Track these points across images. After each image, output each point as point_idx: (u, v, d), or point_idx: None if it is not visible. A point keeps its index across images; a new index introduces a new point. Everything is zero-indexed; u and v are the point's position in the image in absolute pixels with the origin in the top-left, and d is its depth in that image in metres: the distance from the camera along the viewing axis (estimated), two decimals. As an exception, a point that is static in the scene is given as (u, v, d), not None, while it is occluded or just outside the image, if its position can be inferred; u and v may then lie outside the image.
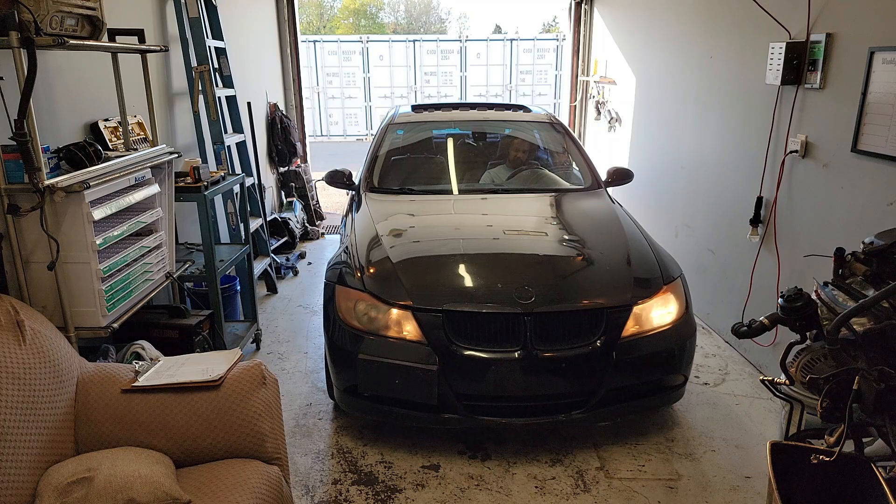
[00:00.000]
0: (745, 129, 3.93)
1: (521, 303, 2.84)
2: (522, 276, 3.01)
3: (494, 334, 2.84)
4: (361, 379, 2.90)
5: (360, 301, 2.97)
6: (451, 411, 2.88)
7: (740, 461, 2.98)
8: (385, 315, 2.91)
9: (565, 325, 2.88)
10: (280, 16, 7.11)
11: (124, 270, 2.66)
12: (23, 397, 1.89)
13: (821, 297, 1.84)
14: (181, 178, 3.38)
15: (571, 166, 4.52)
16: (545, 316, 2.84)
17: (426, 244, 3.35)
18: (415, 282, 2.99)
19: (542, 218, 3.79)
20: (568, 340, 2.86)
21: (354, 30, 30.47)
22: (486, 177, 4.36)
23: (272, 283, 5.24)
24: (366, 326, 2.92)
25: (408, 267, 3.09)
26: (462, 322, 2.85)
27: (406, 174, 4.39)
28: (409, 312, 2.87)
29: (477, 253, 3.22)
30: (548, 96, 15.41)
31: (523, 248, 3.32)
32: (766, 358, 3.73)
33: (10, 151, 2.24)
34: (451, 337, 2.83)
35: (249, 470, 2.02)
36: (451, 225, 3.62)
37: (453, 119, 4.83)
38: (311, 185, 7.33)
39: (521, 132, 4.79)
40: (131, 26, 3.19)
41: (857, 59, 2.94)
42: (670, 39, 5.04)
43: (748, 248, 3.90)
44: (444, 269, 3.11)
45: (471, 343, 2.83)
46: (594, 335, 2.87)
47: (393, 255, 3.16)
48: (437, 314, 2.84)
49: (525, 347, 2.81)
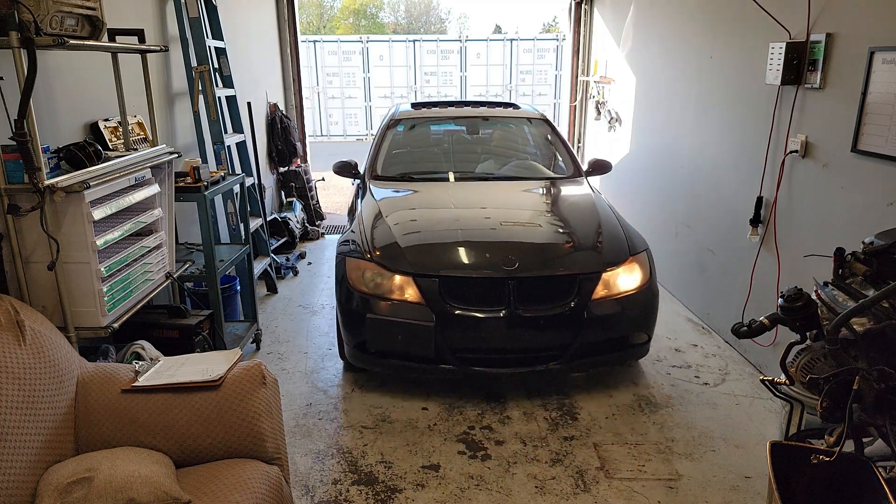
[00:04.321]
0: (745, 128, 3.93)
1: (505, 269, 3.30)
2: (508, 248, 3.46)
3: (483, 296, 3.30)
4: (369, 336, 3.35)
5: (367, 270, 3.43)
6: (447, 363, 3.32)
7: (740, 461, 2.98)
8: (389, 281, 3.36)
9: (543, 289, 3.34)
10: (280, 16, 7.11)
11: (124, 270, 2.66)
12: (23, 397, 1.89)
13: (821, 297, 1.84)
14: (181, 178, 3.38)
15: (556, 157, 4.95)
16: (526, 281, 3.30)
17: (424, 222, 3.83)
18: (415, 253, 3.44)
19: (528, 201, 4.24)
20: (545, 302, 3.31)
21: (354, 30, 30.47)
22: (479, 167, 4.80)
23: (272, 283, 5.23)
24: (373, 291, 3.36)
25: (408, 241, 3.53)
26: (455, 286, 3.30)
27: (406, 164, 4.82)
28: (409, 278, 3.32)
29: (469, 229, 3.64)
30: (548, 96, 15.41)
31: (510, 226, 3.77)
32: (766, 358, 3.73)
33: (10, 151, 2.24)
34: (445, 299, 3.28)
35: (249, 470, 2.02)
36: (447, 206, 4.03)
37: (449, 115, 5.26)
38: (311, 185, 7.33)
39: (512, 127, 5.28)
40: (131, 26, 3.19)
41: (857, 59, 2.94)
42: (670, 39, 5.04)
43: (748, 248, 3.90)
44: (440, 243, 3.56)
45: (462, 304, 3.29)
46: (568, 297, 3.32)
47: (395, 231, 3.61)
48: (434, 279, 3.29)
49: (509, 307, 3.26)
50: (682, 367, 3.90)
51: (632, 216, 5.97)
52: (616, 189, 6.46)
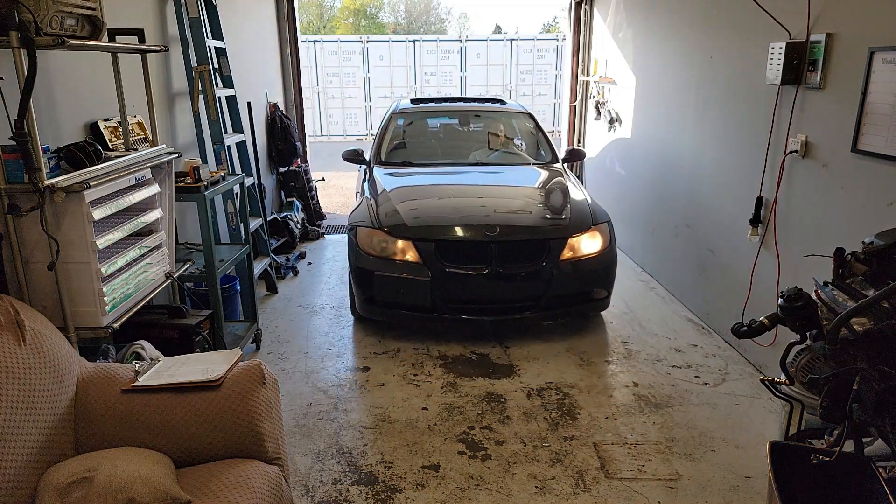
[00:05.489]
0: (745, 129, 3.93)
1: (488, 235, 3.99)
2: (491, 218, 4.15)
3: (470, 257, 4.00)
4: (377, 290, 4.06)
5: (375, 236, 4.12)
6: (440, 312, 4.04)
7: (740, 461, 2.98)
8: (393, 245, 4.06)
9: (519, 251, 4.04)
10: (280, 16, 7.11)
11: (124, 270, 2.66)
12: (23, 397, 1.89)
13: (821, 297, 1.84)
14: (181, 178, 3.38)
15: (537, 146, 5.66)
16: (505, 244, 4.00)
17: (422, 198, 4.54)
18: (414, 222, 4.13)
19: (510, 181, 4.97)
20: (521, 261, 4.02)
21: (354, 30, 30.47)
22: (471, 155, 5.52)
23: (272, 283, 5.23)
24: (379, 254, 4.07)
25: (409, 213, 4.22)
26: (447, 248, 4.01)
27: (406, 151, 5.59)
28: (410, 242, 4.03)
29: (460, 204, 4.36)
30: (548, 96, 15.42)
31: (493, 199, 4.49)
32: (765, 358, 3.73)
33: (10, 151, 2.24)
34: (439, 259, 3.98)
35: (249, 470, 2.02)
36: (441, 185, 4.75)
37: (444, 109, 6.05)
38: (312, 185, 7.33)
39: (499, 120, 6.04)
40: (131, 26, 3.19)
41: (857, 59, 2.94)
42: (670, 39, 5.04)
43: (748, 248, 3.90)
44: (435, 214, 4.26)
45: (453, 263, 3.99)
46: (540, 258, 4.03)
47: (398, 205, 4.30)
48: (430, 243, 4.00)
49: (491, 266, 3.96)
50: (682, 367, 3.90)
51: (631, 216, 5.97)
52: (616, 189, 6.46)
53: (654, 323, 4.57)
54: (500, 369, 3.89)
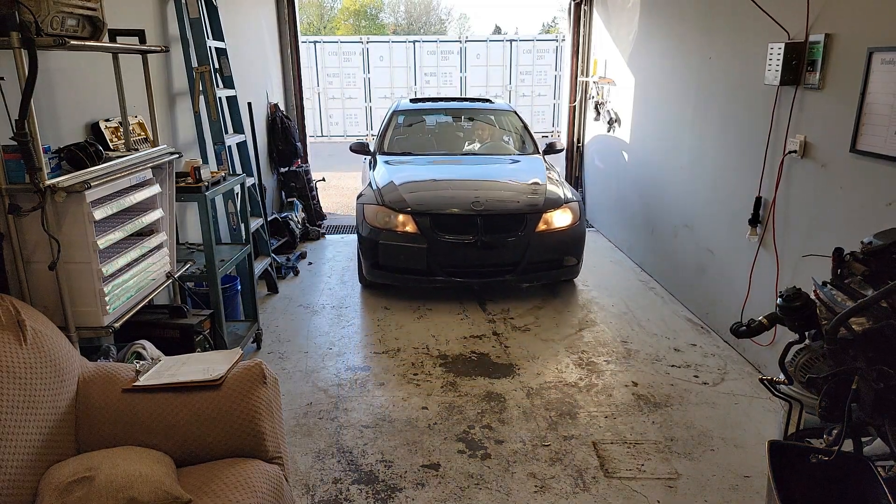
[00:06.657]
0: (744, 129, 3.94)
1: (475, 209, 4.71)
2: (478, 195, 4.89)
3: (460, 228, 4.72)
4: (381, 256, 4.79)
5: (379, 211, 4.87)
6: (436, 275, 4.76)
7: (739, 461, 2.99)
8: (395, 218, 4.79)
9: (501, 223, 4.75)
10: (280, 16, 7.12)
11: (125, 270, 2.66)
12: (23, 397, 1.90)
13: (819, 296, 1.84)
14: (182, 178, 3.38)
15: (521, 140, 6.44)
16: (489, 217, 4.72)
17: (420, 180, 5.27)
18: (413, 200, 4.85)
19: (496, 169, 5.71)
20: (503, 232, 4.73)
21: (355, 30, 30.48)
22: (462, 146, 6.35)
23: (273, 283, 5.24)
24: (383, 226, 4.81)
25: (408, 192, 4.94)
26: (441, 221, 4.73)
27: (406, 142, 6.35)
28: (409, 216, 4.76)
29: (452, 185, 5.20)
30: (547, 97, 15.42)
31: (480, 182, 5.26)
32: (765, 357, 3.74)
33: (11, 151, 2.24)
34: (434, 230, 4.70)
35: (250, 469, 2.03)
36: (437, 170, 5.59)
37: (440, 108, 6.92)
38: (312, 186, 7.34)
39: (488, 117, 6.87)
40: (132, 27, 3.19)
41: (855, 60, 2.95)
42: (670, 40, 5.04)
43: (747, 248, 3.90)
44: (431, 193, 5.01)
45: (446, 233, 4.71)
46: (518, 229, 4.75)
47: (399, 186, 5.03)
48: (427, 216, 4.73)
49: (478, 235, 4.66)
50: (682, 367, 3.90)
51: (631, 216, 5.98)
52: (615, 189, 6.47)
53: (653, 322, 4.57)
54: (499, 369, 3.90)
